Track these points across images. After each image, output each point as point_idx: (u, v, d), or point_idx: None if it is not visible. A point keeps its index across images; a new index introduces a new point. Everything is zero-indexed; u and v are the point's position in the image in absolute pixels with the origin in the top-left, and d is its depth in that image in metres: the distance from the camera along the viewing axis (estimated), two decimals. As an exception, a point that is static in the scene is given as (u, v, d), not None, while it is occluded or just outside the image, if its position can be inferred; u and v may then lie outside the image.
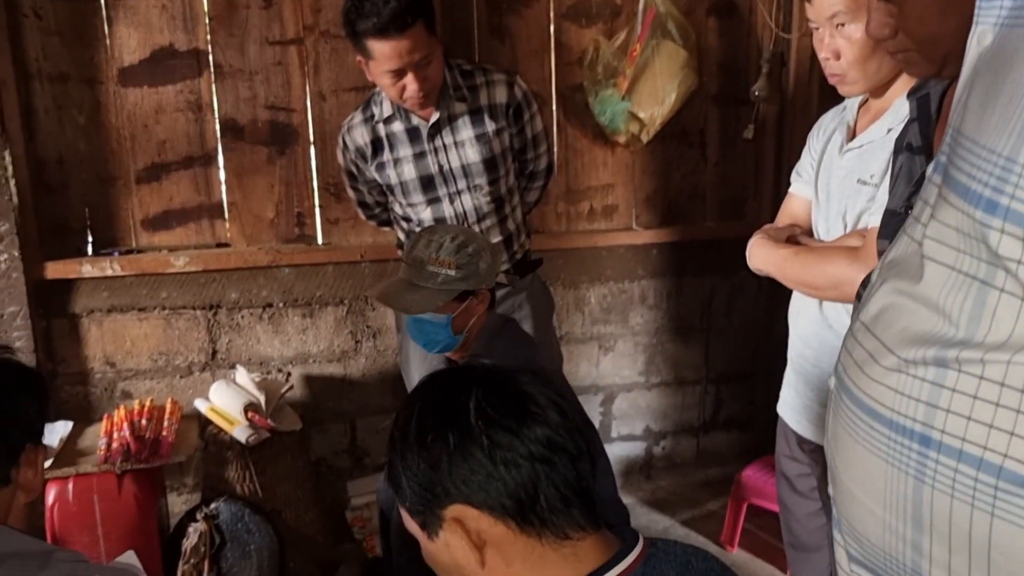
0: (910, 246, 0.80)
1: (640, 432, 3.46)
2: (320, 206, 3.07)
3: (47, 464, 2.48)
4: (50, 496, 2.50)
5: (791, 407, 2.01)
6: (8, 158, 2.69)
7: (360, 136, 2.53)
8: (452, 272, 1.97)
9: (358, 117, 2.54)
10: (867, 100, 1.85)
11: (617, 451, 3.42)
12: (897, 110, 1.70)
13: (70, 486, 2.50)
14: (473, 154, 2.48)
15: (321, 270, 3.06)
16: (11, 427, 1.08)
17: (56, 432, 2.70)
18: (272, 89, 2.95)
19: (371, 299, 2.93)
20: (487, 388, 0.94)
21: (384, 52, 2.22)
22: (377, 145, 2.52)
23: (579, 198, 3.24)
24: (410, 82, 2.27)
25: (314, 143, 3.02)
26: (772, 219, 2.13)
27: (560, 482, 0.91)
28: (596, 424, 3.38)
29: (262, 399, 2.72)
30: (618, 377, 3.39)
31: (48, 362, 2.88)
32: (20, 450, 1.09)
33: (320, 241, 3.08)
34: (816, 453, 1.94)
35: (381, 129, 2.51)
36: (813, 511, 2.02)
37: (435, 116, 2.44)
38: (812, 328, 1.90)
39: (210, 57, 2.88)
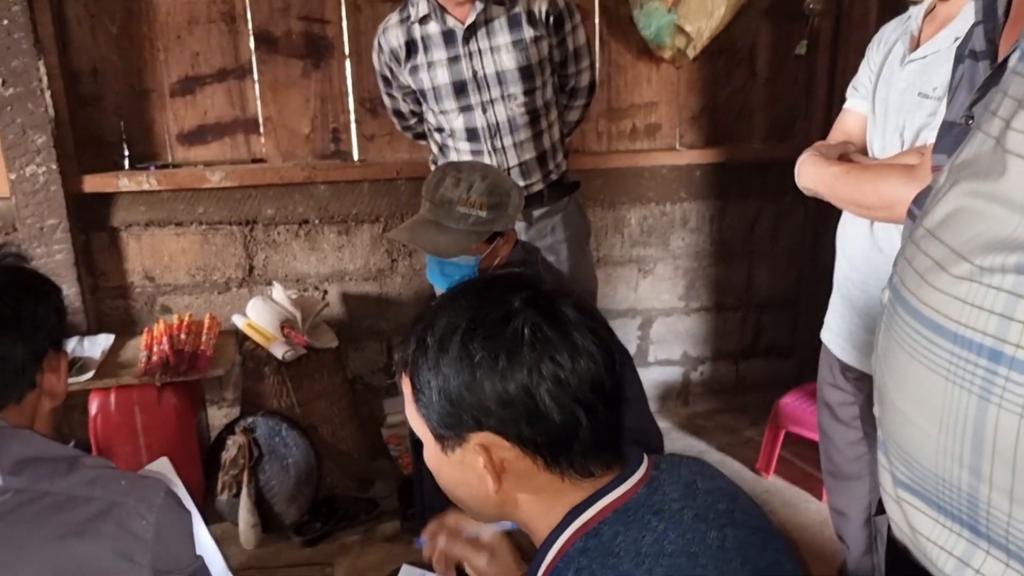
0: (986, 143, 0.72)
1: (678, 357, 3.42)
2: (356, 121, 3.01)
3: (88, 376, 2.53)
4: (93, 407, 2.55)
5: (836, 333, 1.95)
6: (43, 69, 2.66)
7: (395, 37, 2.45)
8: (483, 213, 1.88)
9: (394, 18, 2.47)
10: (934, 7, 1.72)
11: (654, 376, 3.39)
12: (965, 17, 1.58)
13: (112, 397, 2.54)
14: (508, 61, 2.40)
15: (357, 187, 3.02)
16: (33, 332, 1.06)
17: (98, 344, 2.74)
18: (306, 1, 2.87)
19: (393, 240, 2.80)
20: (539, 312, 0.88)
21: None
22: (411, 47, 2.45)
23: (621, 116, 3.14)
24: None
25: (349, 56, 2.95)
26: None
27: (599, 427, 0.88)
28: (632, 349, 3.34)
29: (298, 316, 2.72)
30: (657, 301, 3.34)
31: (88, 276, 2.90)
32: (43, 355, 1.08)
33: (356, 157, 3.03)
34: (860, 381, 1.88)
35: (416, 30, 2.43)
36: (854, 440, 1.97)
37: (471, 18, 2.36)
38: (861, 250, 1.82)
39: (243, -35, 2.80)
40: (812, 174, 1.79)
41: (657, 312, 3.35)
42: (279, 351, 2.64)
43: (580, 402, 0.87)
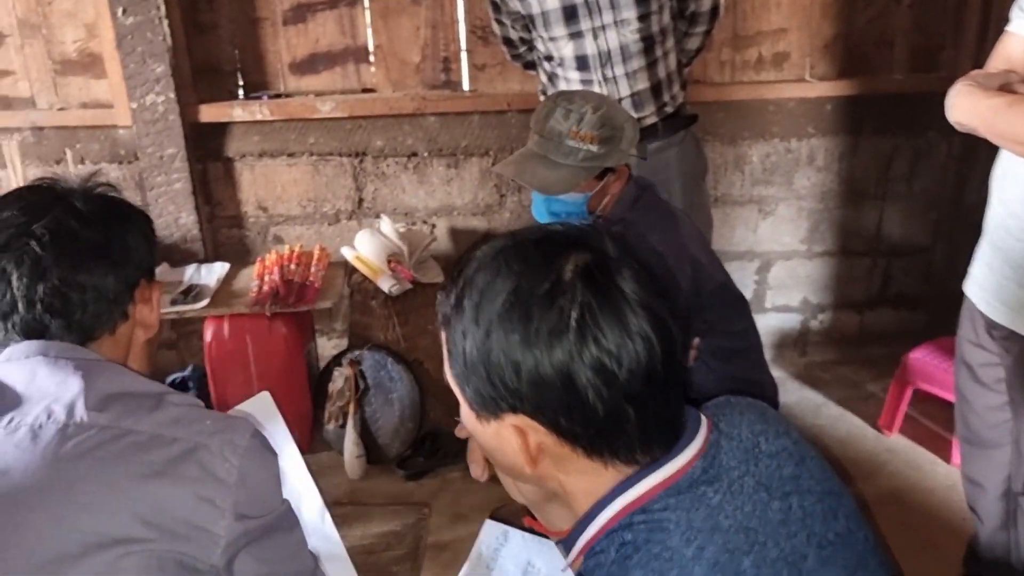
0: None
1: (797, 304, 3.24)
2: (467, 51, 2.92)
3: (203, 303, 2.58)
4: (208, 333, 2.61)
5: (982, 287, 1.76)
6: (160, -3, 2.67)
7: None
8: (594, 148, 1.76)
9: None
10: None
11: (770, 322, 3.23)
12: None
13: (225, 325, 2.60)
14: None
15: (467, 119, 2.94)
16: (125, 262, 1.04)
17: (214, 272, 2.79)
18: (419, -80, 2.77)
19: (497, 173, 2.70)
20: (591, 287, 0.77)
21: None
22: None
23: (746, 44, 2.92)
24: None
25: (462, -19, 2.84)
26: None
27: (648, 419, 0.79)
28: (749, 294, 3.18)
29: (405, 250, 2.70)
30: (777, 244, 3.15)
31: (206, 205, 2.96)
32: (135, 286, 1.06)
33: (466, 88, 2.95)
34: (1008, 341, 1.70)
35: None
36: (996, 405, 1.79)
37: None
38: (1021, 194, 1.62)
39: None
40: (967, 107, 1.59)
41: (777, 255, 3.17)
42: (386, 285, 2.63)
43: (628, 396, 0.77)
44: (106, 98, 2.82)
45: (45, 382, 0.94)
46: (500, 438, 0.83)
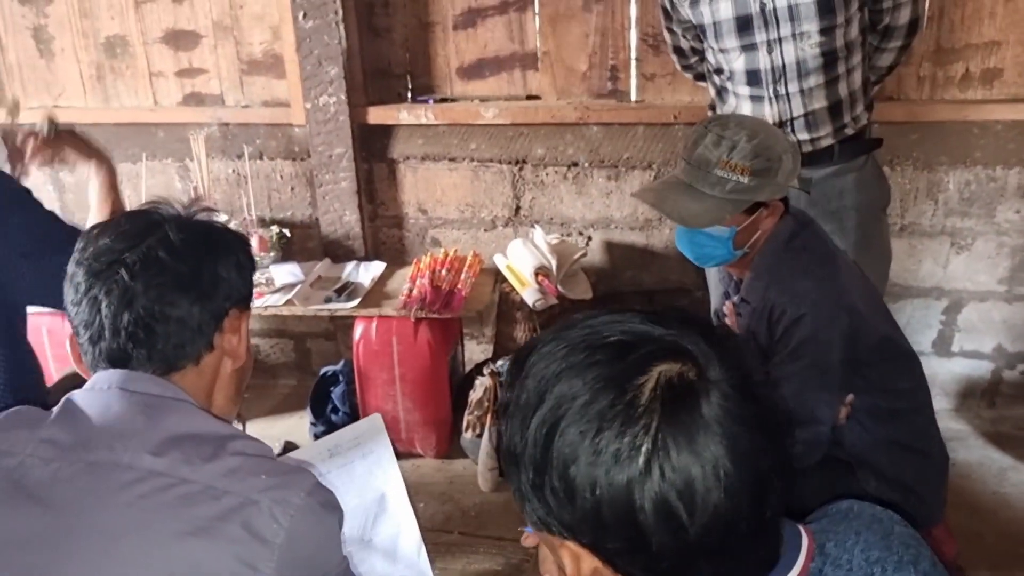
0: None
1: (989, 351, 2.88)
2: (636, 59, 2.80)
3: (354, 303, 2.64)
4: (357, 332, 2.67)
5: None
6: (339, 2, 2.74)
7: None
8: (744, 179, 1.61)
9: None
10: None
11: (956, 368, 2.89)
12: None
13: (374, 325, 2.65)
14: None
15: (631, 130, 2.83)
16: (213, 293, 1.04)
17: (370, 272, 2.86)
18: (595, -75, 2.68)
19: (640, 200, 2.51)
20: (672, 412, 0.67)
21: None
22: None
23: (951, 59, 2.61)
24: None
25: (635, -13, 2.73)
26: None
27: (728, 570, 0.68)
28: (933, 335, 2.87)
29: (553, 263, 2.64)
30: (970, 282, 2.81)
31: (369, 204, 3.03)
32: (223, 316, 1.06)
33: (633, 98, 2.84)
34: None
35: None
36: None
37: None
38: None
39: None
40: None
41: (969, 296, 2.83)
42: (530, 298, 2.58)
43: (702, 549, 0.66)
44: (284, 97, 2.95)
45: (116, 418, 0.95)
46: (553, 548, 0.75)
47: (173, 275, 1.02)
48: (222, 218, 2.80)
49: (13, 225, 1.48)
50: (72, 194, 3.15)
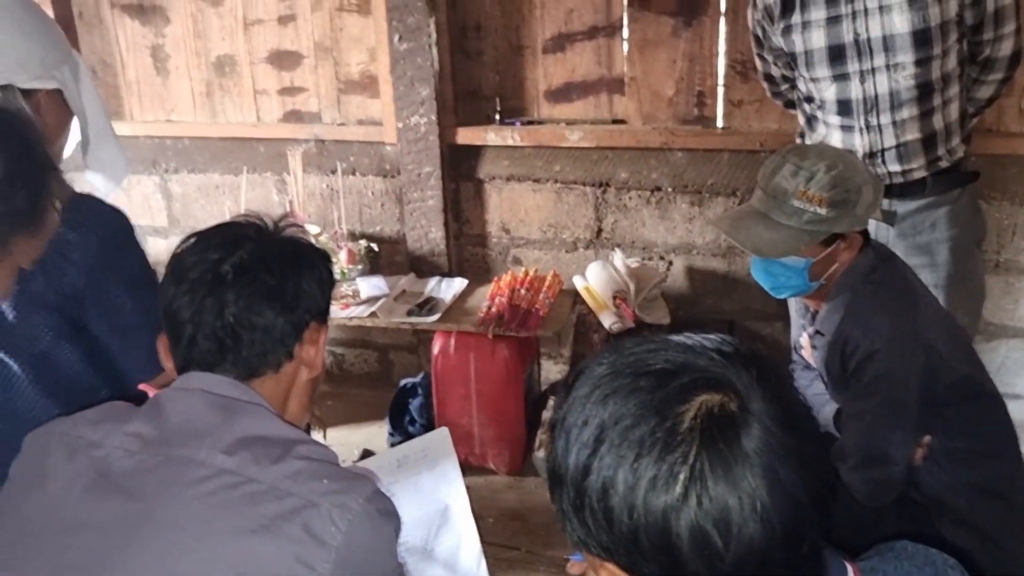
0: None
1: (1094, 396, 2.74)
2: (724, 85, 2.79)
3: (434, 318, 2.71)
4: (436, 347, 2.74)
5: None
6: (432, 25, 2.84)
7: None
8: (822, 211, 1.59)
9: None
10: None
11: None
12: None
13: (452, 340, 2.71)
14: (901, 22, 2.02)
15: (716, 156, 2.82)
16: (296, 305, 1.10)
17: (452, 288, 2.92)
18: (686, -48, 2.70)
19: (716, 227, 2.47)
20: (712, 443, 0.68)
21: None
22: (788, 4, 2.17)
23: (1058, 91, 2.51)
24: None
25: (725, 14, 2.73)
26: None
27: None
28: (1030, 376, 2.74)
29: (632, 287, 2.65)
30: (1073, 323, 2.68)
31: (454, 222, 3.11)
32: (304, 327, 1.12)
33: (719, 124, 2.83)
34: None
35: None
36: None
37: None
38: None
39: (625, -82, 2.70)
40: None
41: (1072, 337, 2.70)
42: (607, 321, 2.60)
43: None
44: (378, 117, 3.06)
45: (196, 417, 1.02)
46: (593, 567, 0.77)
47: (262, 286, 1.08)
48: (315, 230, 2.92)
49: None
50: (179, 203, 3.34)
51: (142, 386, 1.53)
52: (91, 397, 1.49)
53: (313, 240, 1.25)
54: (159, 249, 3.39)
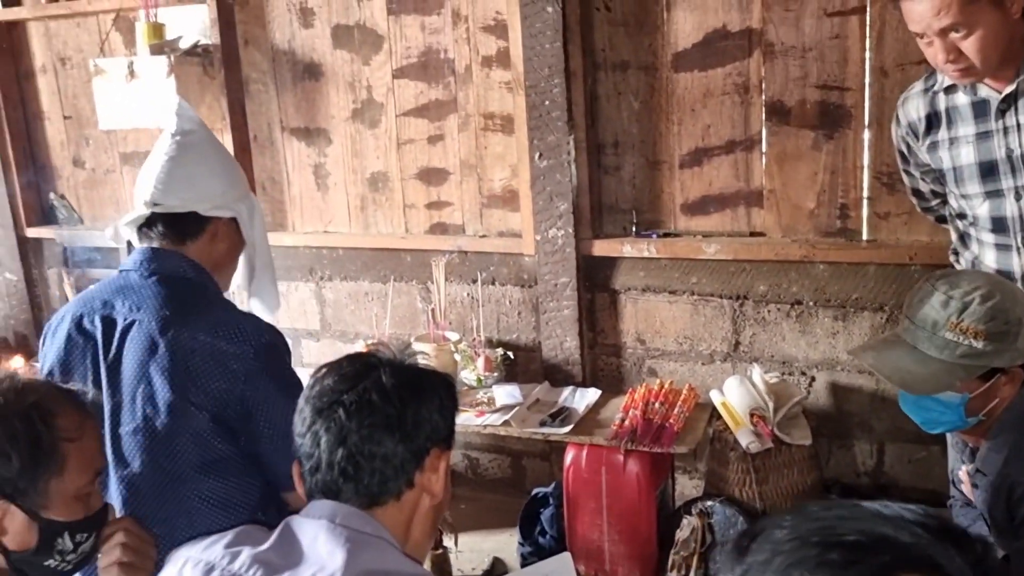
0: None
1: None
2: (868, 198, 2.72)
3: (567, 429, 2.71)
4: (568, 457, 2.73)
5: None
6: (572, 143, 2.94)
7: (915, 109, 2.15)
8: (978, 344, 1.50)
9: (917, 87, 2.17)
10: None
11: None
12: None
13: (584, 453, 2.69)
14: None
15: (861, 270, 2.73)
16: (416, 434, 1.14)
17: (586, 398, 2.93)
18: (826, 66, 2.69)
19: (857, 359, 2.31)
20: None
21: (908, 11, 1.89)
22: (933, 120, 2.11)
23: None
24: (937, 51, 1.87)
25: (869, 126, 2.68)
26: None
27: None
28: None
29: (770, 405, 2.56)
30: None
31: (589, 331, 3.13)
32: (424, 455, 1.15)
33: (864, 237, 2.74)
34: None
35: (941, 101, 2.09)
36: None
37: (1009, 87, 1.94)
38: None
39: (762, 36, 2.74)
40: None
41: None
42: (744, 439, 2.51)
43: None
44: (517, 229, 3.17)
45: (320, 548, 1.06)
46: None
47: (382, 416, 1.14)
48: (454, 337, 3.01)
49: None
50: (331, 309, 3.54)
51: (285, 495, 1.62)
52: (241, 504, 1.59)
53: (441, 368, 1.30)
54: (311, 351, 3.61)
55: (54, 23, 3.80)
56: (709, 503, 2.59)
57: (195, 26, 3.42)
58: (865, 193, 2.72)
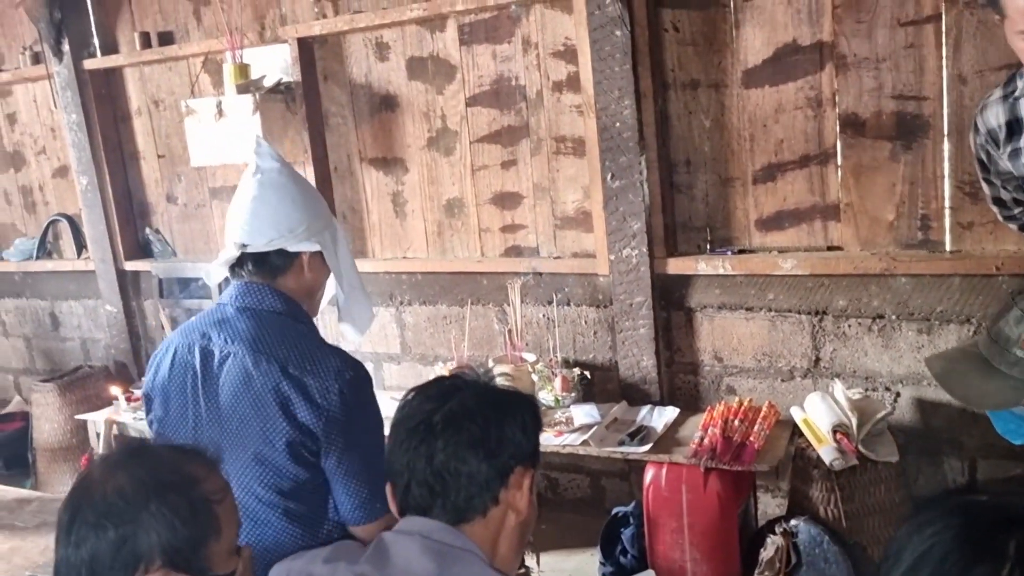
0: None
1: None
2: (951, 208, 2.66)
3: (646, 448, 2.71)
4: (647, 476, 2.73)
5: None
6: (643, 163, 2.97)
7: (994, 116, 2.09)
8: None
9: (996, 93, 2.11)
10: None
11: None
12: None
13: (664, 471, 2.69)
14: None
15: (945, 282, 2.66)
16: (499, 452, 1.18)
17: (664, 417, 2.93)
18: (901, 76, 2.65)
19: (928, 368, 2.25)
20: None
21: (1016, 6, 1.80)
22: (1014, 127, 2.06)
23: None
24: None
25: (948, 135, 2.63)
26: None
27: None
28: None
29: (853, 421, 2.51)
30: None
31: (666, 350, 3.13)
32: (508, 473, 1.19)
33: (948, 248, 2.68)
34: None
35: (1021, 107, 2.04)
36: None
37: None
38: None
39: (833, 48, 2.72)
40: None
41: None
42: (828, 456, 2.47)
43: None
44: (591, 249, 3.20)
45: (413, 562, 1.11)
46: None
47: (466, 435, 1.19)
48: (531, 358, 3.05)
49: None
50: (411, 332, 3.63)
51: (353, 529, 1.63)
52: (318, 523, 1.65)
53: (520, 388, 1.34)
54: (392, 374, 3.70)
55: (148, 68, 4.03)
56: (793, 522, 2.55)
57: (278, 64, 3.58)
58: (947, 203, 2.66)
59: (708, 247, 3.02)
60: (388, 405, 1.36)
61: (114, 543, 1.03)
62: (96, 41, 4.07)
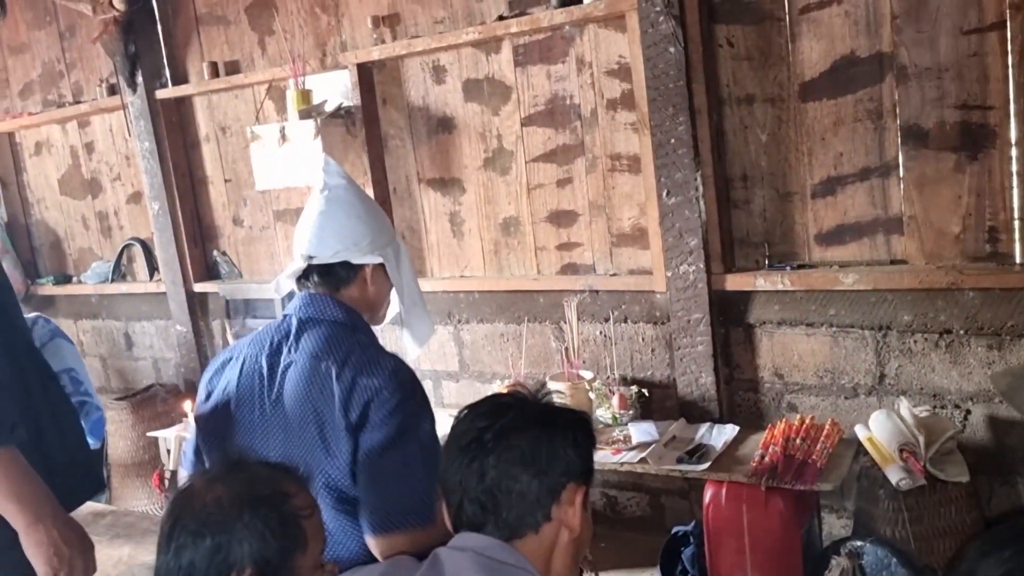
0: None
1: None
2: (1020, 219, 2.58)
3: (704, 466, 2.68)
4: (707, 495, 2.70)
5: None
6: (699, 179, 2.95)
7: None
8: None
9: None
10: None
11: None
12: None
13: (724, 490, 2.65)
14: None
15: (1016, 295, 2.58)
16: (550, 469, 1.19)
17: (723, 435, 2.89)
18: (965, 86, 2.59)
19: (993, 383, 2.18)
20: None
21: None
22: None
23: None
24: None
25: (1016, 144, 2.55)
26: None
27: None
28: None
29: (921, 440, 2.45)
30: None
31: (725, 367, 3.09)
32: (560, 490, 1.20)
33: (1017, 260, 2.60)
34: None
35: None
36: None
37: None
38: None
39: (894, 59, 2.67)
40: None
41: None
42: (894, 476, 2.41)
43: None
44: (648, 266, 3.19)
45: None
46: None
47: (517, 452, 1.20)
48: (588, 375, 3.06)
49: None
50: (469, 350, 3.66)
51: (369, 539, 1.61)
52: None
53: (575, 406, 1.35)
54: (451, 392, 3.73)
55: (216, 96, 4.18)
56: (859, 543, 2.49)
57: (338, 89, 3.68)
58: (1016, 214, 2.58)
59: (767, 263, 2.98)
60: (446, 422, 1.38)
61: (210, 551, 1.09)
62: (167, 72, 4.24)
